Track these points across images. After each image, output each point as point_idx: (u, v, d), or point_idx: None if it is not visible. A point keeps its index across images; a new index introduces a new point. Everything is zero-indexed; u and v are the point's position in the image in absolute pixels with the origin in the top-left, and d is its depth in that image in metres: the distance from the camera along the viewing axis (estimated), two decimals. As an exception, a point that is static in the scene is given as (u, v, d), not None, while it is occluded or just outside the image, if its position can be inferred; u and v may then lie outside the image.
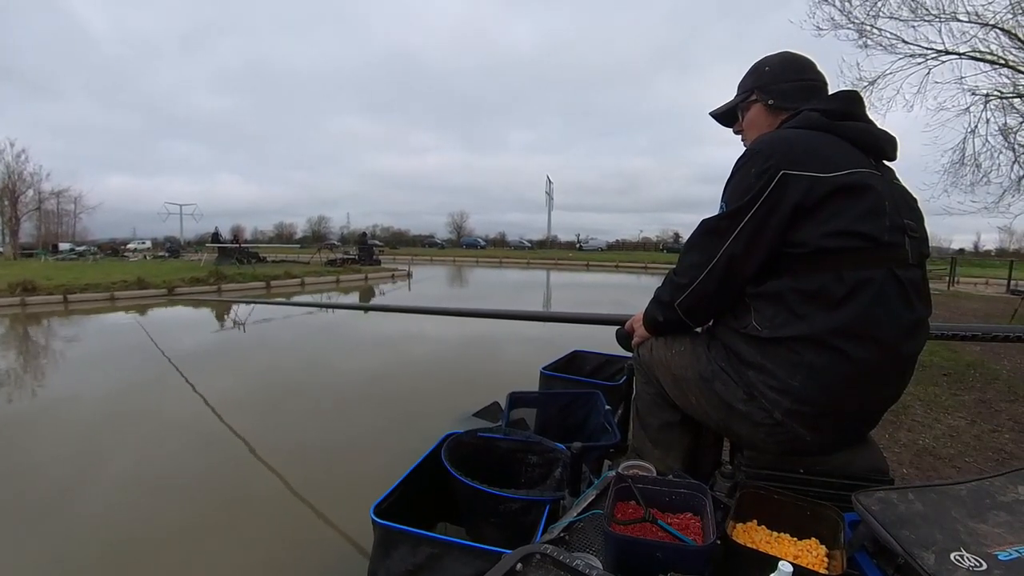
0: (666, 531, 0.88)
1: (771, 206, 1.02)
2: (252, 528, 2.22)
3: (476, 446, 1.58)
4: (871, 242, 1.00)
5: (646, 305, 1.33)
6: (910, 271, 1.04)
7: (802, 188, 1.00)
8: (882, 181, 1.06)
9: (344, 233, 65.50)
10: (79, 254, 31.02)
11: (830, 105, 1.14)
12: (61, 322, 8.44)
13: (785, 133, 1.10)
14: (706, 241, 1.10)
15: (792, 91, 1.22)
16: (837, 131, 1.08)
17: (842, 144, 1.06)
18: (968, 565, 0.72)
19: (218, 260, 18.42)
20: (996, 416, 3.24)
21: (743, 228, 1.04)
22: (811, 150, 1.03)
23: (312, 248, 28.18)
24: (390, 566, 1.19)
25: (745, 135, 1.32)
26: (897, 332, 1.01)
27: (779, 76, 1.24)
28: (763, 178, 1.02)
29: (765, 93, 1.24)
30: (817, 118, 1.10)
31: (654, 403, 1.38)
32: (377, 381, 4.72)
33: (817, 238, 1.00)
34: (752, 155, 1.07)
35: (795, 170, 1.01)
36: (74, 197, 41.21)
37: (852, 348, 0.99)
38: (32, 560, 1.97)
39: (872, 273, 1.00)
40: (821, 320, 1.00)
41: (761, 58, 1.30)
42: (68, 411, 3.76)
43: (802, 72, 1.24)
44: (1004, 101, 7.16)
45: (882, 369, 1.02)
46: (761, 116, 1.26)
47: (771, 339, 1.04)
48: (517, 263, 31.44)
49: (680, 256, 1.18)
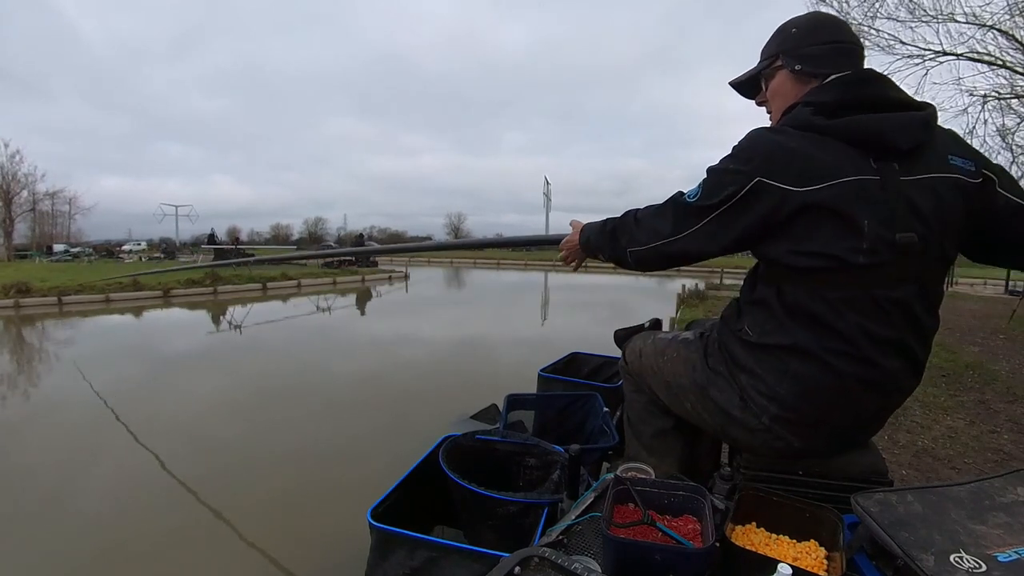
0: (665, 534, 0.87)
1: (738, 212, 0.98)
2: (248, 531, 2.20)
3: (474, 448, 1.57)
4: (841, 263, 0.93)
5: (587, 223, 1.29)
6: (900, 289, 0.95)
7: (772, 201, 0.94)
8: (874, 187, 0.93)
9: (341, 235, 65.48)
10: (73, 255, 30.89)
11: (825, 96, 1.01)
12: (55, 324, 8.40)
13: (772, 134, 1.02)
14: (674, 218, 1.06)
15: (823, 55, 1.07)
16: (828, 131, 0.97)
17: (834, 147, 0.95)
18: (967, 567, 0.71)
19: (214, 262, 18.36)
20: (995, 417, 3.24)
21: (705, 225, 1.01)
22: (792, 157, 0.95)
23: (308, 250, 28.09)
24: (387, 570, 1.18)
25: (771, 105, 1.18)
26: (877, 351, 0.96)
27: (808, 38, 1.09)
28: (739, 182, 0.97)
29: (792, 58, 1.10)
30: (807, 116, 0.99)
31: (646, 411, 1.36)
32: (374, 383, 4.71)
33: (784, 255, 0.96)
34: (738, 152, 1.01)
35: (771, 179, 0.94)
36: (69, 198, 41.19)
37: (837, 362, 0.96)
38: (29, 561, 1.95)
39: (846, 294, 0.95)
40: (803, 334, 0.98)
41: (788, 20, 1.16)
42: (67, 411, 3.74)
43: (835, 34, 1.09)
44: (1002, 102, 7.20)
45: (869, 383, 0.99)
46: (787, 84, 1.12)
47: (760, 344, 1.04)
48: (515, 264, 31.44)
49: (649, 213, 1.13)
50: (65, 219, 43.26)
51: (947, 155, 1.00)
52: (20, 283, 10.26)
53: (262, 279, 13.93)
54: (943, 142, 1.02)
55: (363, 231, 37.76)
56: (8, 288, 9.95)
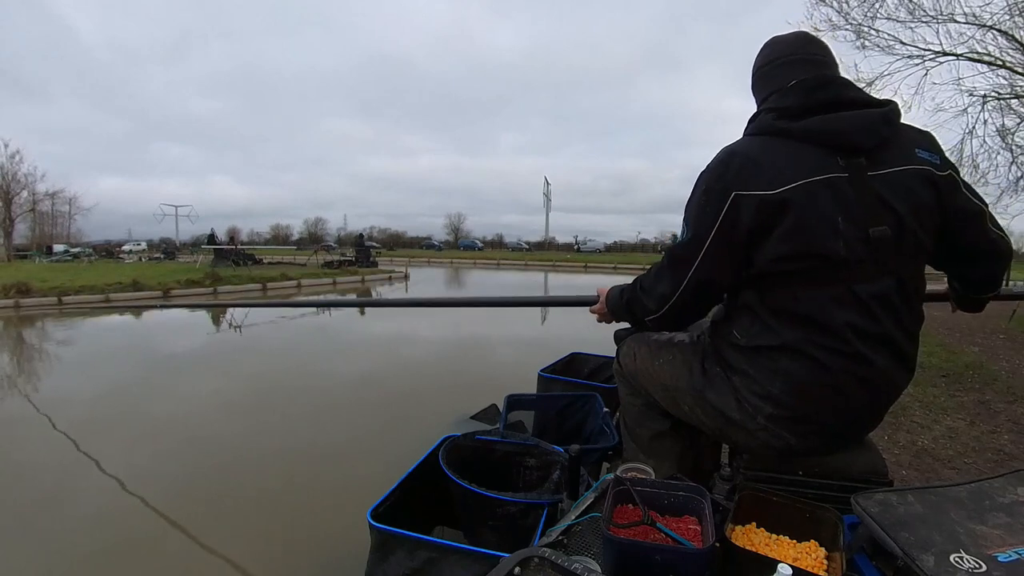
0: (665, 534, 0.87)
1: (727, 231, 0.99)
2: (248, 532, 2.20)
3: (474, 449, 1.57)
4: (820, 261, 0.95)
5: (610, 289, 1.31)
6: (878, 283, 0.97)
7: (752, 209, 0.96)
8: (844, 184, 0.95)
9: (341, 235, 65.55)
10: (73, 256, 30.89)
11: (785, 101, 1.04)
12: (55, 324, 8.40)
13: (736, 146, 1.04)
14: (673, 271, 1.08)
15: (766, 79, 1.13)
16: (792, 134, 0.99)
17: (800, 148, 0.97)
18: (967, 567, 0.72)
19: (214, 262, 18.37)
20: (995, 417, 3.24)
21: (704, 255, 1.02)
22: (760, 164, 0.97)
23: (308, 250, 28.12)
24: (387, 570, 1.18)
25: None
26: (862, 346, 0.97)
27: (757, 78, 1.16)
28: (717, 202, 0.99)
29: (763, 102, 1.14)
30: (770, 122, 1.02)
31: (642, 414, 1.37)
32: (374, 384, 4.71)
33: (766, 262, 0.98)
34: (706, 174, 1.03)
35: (746, 190, 0.96)
36: (69, 199, 41.17)
37: (825, 357, 0.98)
38: (26, 562, 1.95)
39: (826, 292, 0.96)
40: (789, 333, 0.99)
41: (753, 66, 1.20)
42: (64, 412, 3.73)
43: (775, 53, 1.14)
44: (1002, 102, 7.21)
45: (861, 378, 1.00)
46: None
47: (750, 347, 1.05)
48: (515, 264, 31.46)
49: (651, 278, 1.15)
50: (65, 219, 43.27)
51: (914, 148, 1.02)
52: (20, 283, 10.27)
53: (262, 279, 13.91)
54: (909, 137, 1.05)
55: (363, 231, 37.75)
56: (8, 288, 9.95)
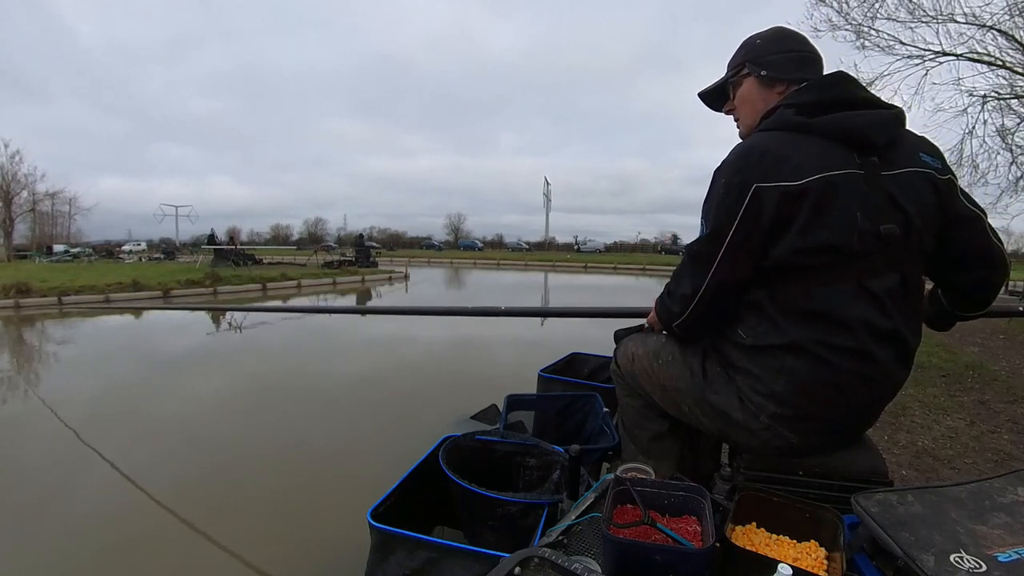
0: (665, 534, 0.87)
1: (749, 225, 0.98)
2: (248, 531, 2.20)
3: (474, 449, 1.57)
4: (836, 255, 0.96)
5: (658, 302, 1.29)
6: (885, 279, 0.99)
7: (774, 201, 0.96)
8: (860, 181, 0.97)
9: (341, 235, 65.47)
10: (73, 256, 30.88)
11: (805, 97, 1.05)
12: (55, 324, 8.40)
13: (755, 140, 1.04)
14: (693, 269, 1.08)
15: (784, 62, 1.14)
16: (813, 129, 1.00)
17: (819, 143, 0.99)
18: (967, 567, 0.72)
19: (214, 262, 18.36)
20: (995, 417, 3.25)
21: (725, 251, 1.02)
22: (781, 156, 0.97)
23: (308, 250, 28.12)
24: (387, 570, 1.18)
25: (738, 113, 1.23)
26: (871, 342, 0.98)
27: (772, 47, 1.16)
28: (737, 195, 0.98)
29: (757, 65, 1.15)
30: (790, 117, 1.03)
31: (640, 415, 1.36)
32: (374, 384, 4.71)
33: (786, 255, 0.98)
34: (724, 169, 1.03)
35: (767, 182, 0.96)
36: (68, 199, 41.16)
37: (831, 355, 0.98)
38: (25, 562, 1.95)
39: (838, 288, 0.97)
40: (798, 331, 0.99)
41: (752, 34, 1.22)
42: (64, 412, 3.74)
43: (797, 44, 1.16)
44: (1001, 102, 7.21)
45: (864, 375, 1.00)
46: (754, 91, 1.18)
47: (754, 347, 1.05)
48: (515, 265, 31.45)
49: (672, 282, 1.16)
50: (65, 219, 43.27)
51: (918, 152, 1.05)
52: (20, 283, 10.27)
53: (262, 279, 13.89)
54: (912, 141, 1.08)
55: (363, 231, 37.76)
56: (8, 288, 9.95)
